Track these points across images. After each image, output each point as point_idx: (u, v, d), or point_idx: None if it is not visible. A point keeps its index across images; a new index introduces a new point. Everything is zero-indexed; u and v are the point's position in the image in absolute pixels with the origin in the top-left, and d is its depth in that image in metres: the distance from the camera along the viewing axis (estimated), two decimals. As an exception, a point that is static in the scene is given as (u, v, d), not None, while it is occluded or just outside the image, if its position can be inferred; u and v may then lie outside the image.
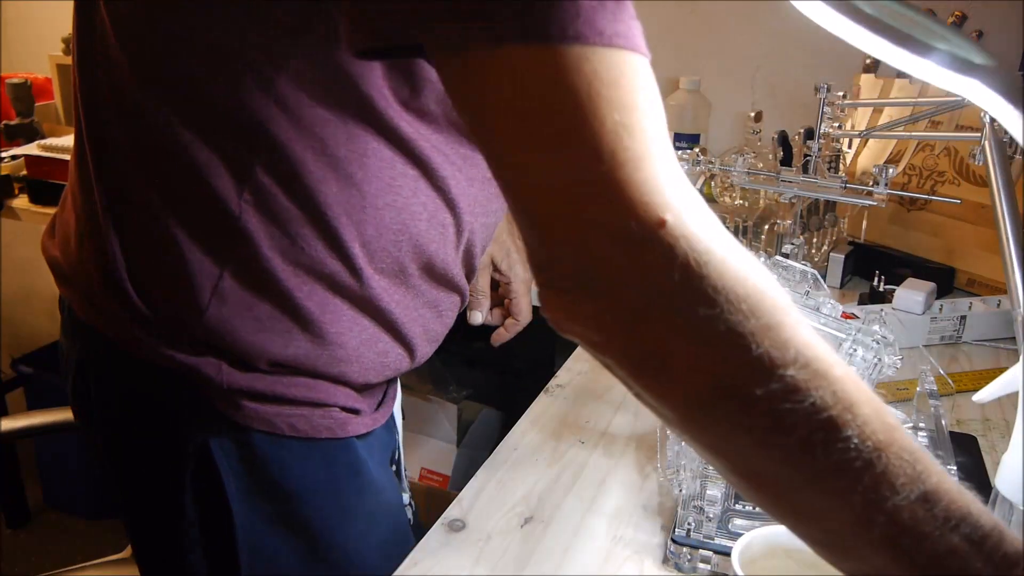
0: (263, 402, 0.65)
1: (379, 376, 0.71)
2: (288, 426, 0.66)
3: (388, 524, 0.76)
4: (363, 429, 0.71)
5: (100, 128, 0.64)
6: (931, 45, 0.53)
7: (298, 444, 0.67)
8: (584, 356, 1.03)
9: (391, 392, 0.78)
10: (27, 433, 1.16)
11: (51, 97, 2.01)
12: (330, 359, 0.66)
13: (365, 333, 0.67)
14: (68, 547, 2.05)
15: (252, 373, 0.65)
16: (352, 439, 0.70)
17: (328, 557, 0.71)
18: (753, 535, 0.58)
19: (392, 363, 0.71)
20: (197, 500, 0.68)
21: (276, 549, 0.69)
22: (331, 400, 0.68)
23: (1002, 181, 0.61)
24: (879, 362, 0.69)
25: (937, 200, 1.12)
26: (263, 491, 0.67)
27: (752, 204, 1.24)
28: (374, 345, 0.68)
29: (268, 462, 0.67)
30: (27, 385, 2.10)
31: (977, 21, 1.40)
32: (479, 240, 0.72)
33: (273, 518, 0.68)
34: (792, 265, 0.77)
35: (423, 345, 0.73)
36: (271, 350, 0.64)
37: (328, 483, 0.70)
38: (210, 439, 0.66)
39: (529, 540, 0.70)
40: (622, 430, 0.86)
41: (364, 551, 0.72)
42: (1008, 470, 0.53)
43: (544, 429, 0.86)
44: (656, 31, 1.70)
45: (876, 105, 1.23)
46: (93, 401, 0.71)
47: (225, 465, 0.66)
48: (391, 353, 0.70)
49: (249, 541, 0.68)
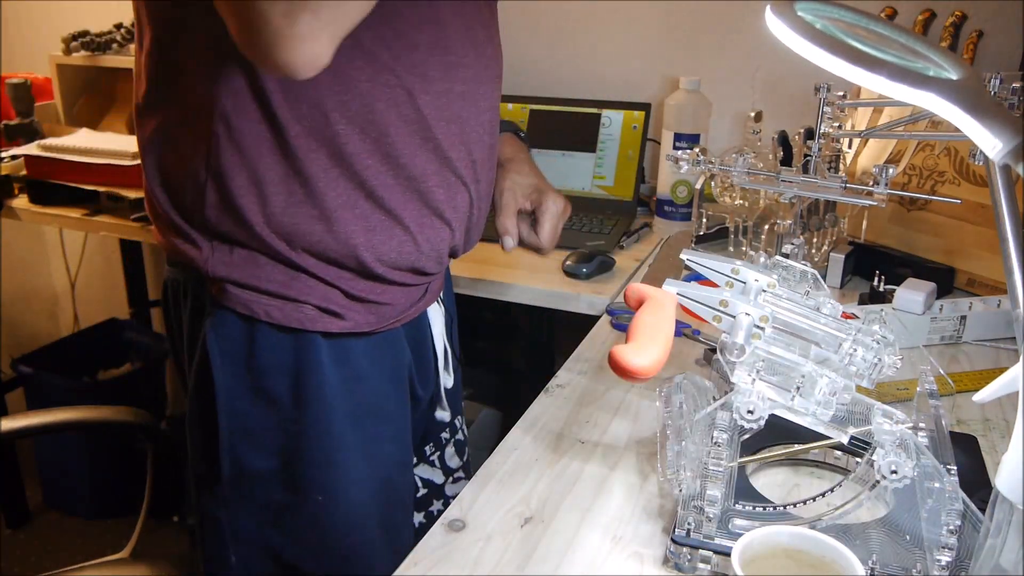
0: (243, 289, 0.79)
1: (374, 258, 0.80)
2: (264, 312, 0.79)
3: (374, 422, 0.86)
4: (336, 329, 0.81)
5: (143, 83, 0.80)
6: (881, 60, 0.55)
7: (271, 329, 0.80)
8: (584, 356, 1.03)
9: (396, 309, 0.86)
10: (27, 433, 1.16)
11: (51, 97, 2.01)
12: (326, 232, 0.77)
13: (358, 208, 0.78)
14: (68, 547, 2.05)
15: (235, 259, 0.78)
16: (317, 335, 0.80)
17: (292, 432, 0.82)
18: (753, 535, 0.58)
19: (388, 247, 0.80)
20: (198, 375, 0.82)
21: (250, 414, 0.81)
22: (303, 297, 0.79)
23: (1002, 181, 0.61)
24: (879, 362, 0.69)
25: (937, 200, 1.12)
26: (241, 362, 0.80)
27: (752, 204, 1.24)
28: (365, 220, 0.78)
29: (247, 338, 0.80)
30: (27, 385, 2.11)
31: (977, 21, 1.40)
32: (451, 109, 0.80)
33: (249, 387, 0.81)
34: (792, 265, 0.77)
35: (419, 231, 0.82)
36: (271, 212, 0.76)
37: (294, 368, 0.81)
38: (207, 317, 0.81)
39: (529, 540, 0.70)
40: (622, 430, 0.86)
41: (338, 438, 0.83)
42: (1008, 470, 0.53)
43: (544, 429, 0.86)
44: (656, 31, 1.71)
45: (876, 105, 1.23)
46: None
47: (213, 337, 0.80)
48: (380, 229, 0.79)
49: (228, 405, 0.81)
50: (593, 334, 1.10)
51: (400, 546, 0.85)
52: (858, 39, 0.59)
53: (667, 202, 1.49)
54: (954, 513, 0.61)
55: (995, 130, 0.53)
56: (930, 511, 0.64)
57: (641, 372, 0.63)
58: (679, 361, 0.99)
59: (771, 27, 0.60)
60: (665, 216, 1.50)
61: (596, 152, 1.63)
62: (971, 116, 0.53)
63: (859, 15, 0.67)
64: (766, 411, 0.66)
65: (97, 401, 1.98)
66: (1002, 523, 0.54)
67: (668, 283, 0.72)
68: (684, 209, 1.49)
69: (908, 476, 0.63)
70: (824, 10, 0.64)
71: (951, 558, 0.61)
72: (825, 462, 0.79)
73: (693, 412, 0.73)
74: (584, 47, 1.75)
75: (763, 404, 0.66)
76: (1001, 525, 0.54)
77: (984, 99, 0.54)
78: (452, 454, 1.05)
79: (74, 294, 2.43)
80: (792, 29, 0.58)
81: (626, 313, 1.12)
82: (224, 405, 0.81)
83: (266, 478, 0.83)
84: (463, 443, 1.08)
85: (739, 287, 0.74)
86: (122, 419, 1.19)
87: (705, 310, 0.72)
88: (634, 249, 1.43)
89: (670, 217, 1.50)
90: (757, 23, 0.63)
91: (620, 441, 0.84)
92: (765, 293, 0.73)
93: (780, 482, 0.77)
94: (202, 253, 0.79)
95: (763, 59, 1.60)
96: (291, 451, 0.82)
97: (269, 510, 0.84)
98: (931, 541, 0.63)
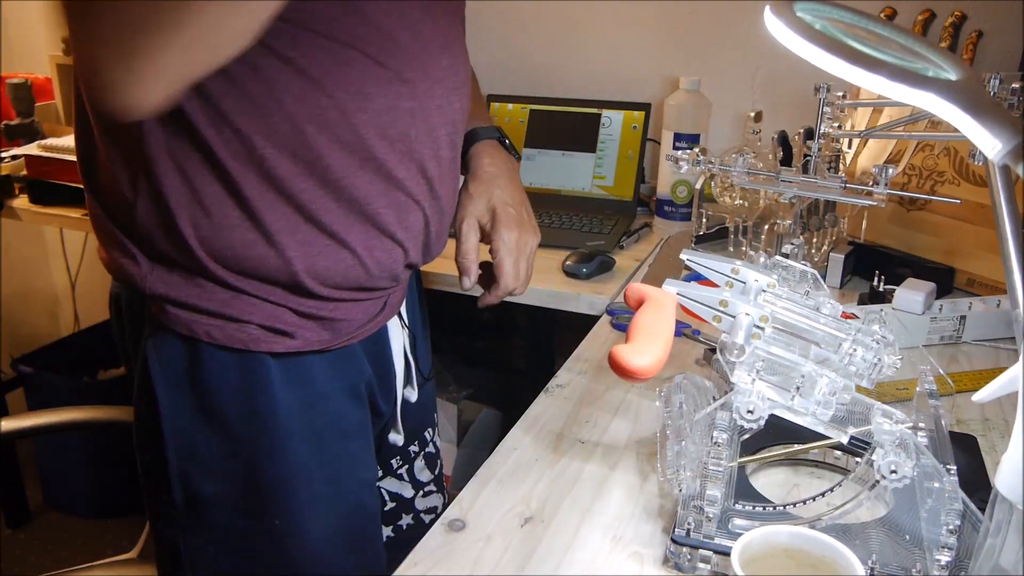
0: (183, 308, 0.75)
1: (318, 282, 0.76)
2: (204, 333, 0.75)
3: (335, 441, 0.82)
4: (282, 349, 0.77)
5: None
6: (880, 61, 0.55)
7: (214, 349, 0.76)
8: (584, 356, 1.03)
9: (352, 324, 0.81)
10: (27, 433, 1.16)
11: (51, 97, 2.01)
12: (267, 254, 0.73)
13: (299, 231, 0.73)
14: (68, 547, 2.05)
15: (174, 278, 0.75)
16: (265, 355, 0.77)
17: (244, 455, 0.78)
18: (753, 535, 0.58)
19: (336, 268, 0.76)
20: (140, 395, 0.78)
21: (197, 438, 0.77)
22: (245, 317, 0.75)
23: (1002, 181, 0.61)
24: (879, 362, 0.69)
25: (937, 200, 1.12)
26: (185, 384, 0.76)
27: (752, 204, 1.24)
28: (310, 244, 0.74)
29: (189, 359, 0.76)
30: (27, 385, 2.11)
31: (977, 21, 1.40)
32: (395, 128, 0.75)
33: (194, 409, 0.77)
34: (792, 265, 0.77)
35: (365, 251, 0.77)
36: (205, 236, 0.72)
37: (242, 389, 0.77)
38: (147, 338, 0.77)
39: (529, 540, 0.70)
40: (622, 430, 0.86)
41: (295, 461, 0.79)
42: (1008, 470, 0.53)
43: (544, 429, 0.86)
44: (656, 31, 1.71)
45: (876, 105, 1.23)
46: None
47: (154, 357, 0.76)
48: (328, 253, 0.75)
49: (173, 427, 0.77)
50: (593, 334, 1.10)
51: (372, 568, 0.83)
52: (857, 39, 0.59)
53: (667, 202, 1.49)
54: (954, 513, 0.61)
55: (994, 130, 0.53)
56: (930, 511, 0.64)
57: (641, 372, 0.63)
58: (679, 361, 0.99)
59: (770, 27, 0.60)
60: (665, 216, 1.51)
61: (596, 152, 1.63)
62: (970, 116, 0.54)
63: (858, 15, 0.67)
64: (766, 411, 0.66)
65: (97, 401, 1.98)
66: (1002, 523, 0.54)
67: (668, 283, 0.72)
68: (684, 209, 1.49)
69: (908, 476, 0.63)
70: (823, 10, 0.64)
71: (951, 558, 0.61)
72: (825, 462, 0.79)
73: (693, 412, 0.73)
74: (584, 47, 1.75)
75: (763, 404, 0.66)
76: (1001, 525, 0.54)
77: (983, 99, 0.54)
78: (422, 467, 1.01)
79: (74, 294, 2.43)
80: (791, 29, 0.58)
81: (626, 313, 1.12)
82: (169, 428, 0.77)
83: (220, 502, 0.79)
84: (435, 455, 1.03)
85: (739, 287, 0.74)
86: (122, 419, 1.19)
87: (705, 310, 0.72)
88: (634, 249, 1.43)
89: (670, 217, 1.50)
90: (757, 23, 0.63)
91: (620, 441, 0.84)
92: (765, 293, 0.73)
93: (780, 482, 0.77)
94: (141, 270, 0.75)
95: (763, 59, 1.60)
96: (245, 475, 0.78)
97: (227, 535, 0.80)
98: (931, 541, 0.63)
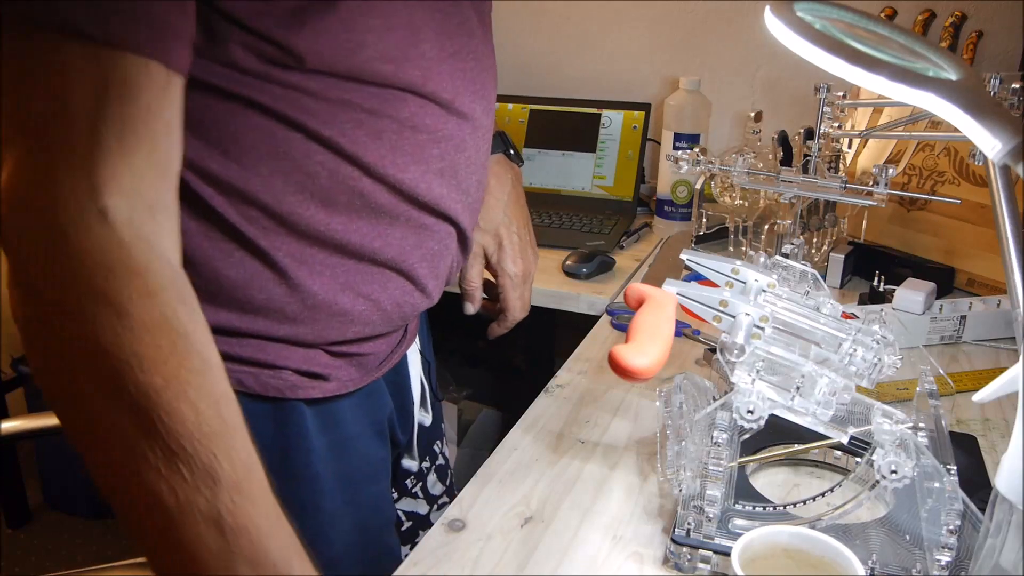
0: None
1: (340, 333, 0.72)
2: (236, 382, 0.68)
3: (364, 486, 0.80)
4: (319, 394, 0.73)
5: None
6: (880, 61, 0.55)
7: (246, 399, 0.70)
8: (584, 356, 1.03)
9: (378, 358, 0.79)
10: (27, 435, 1.16)
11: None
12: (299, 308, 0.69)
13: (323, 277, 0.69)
14: (68, 547, 2.05)
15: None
16: (301, 403, 0.73)
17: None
18: (753, 535, 0.58)
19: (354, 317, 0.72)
20: None
21: None
22: (282, 363, 0.71)
23: (1002, 181, 0.61)
24: (879, 362, 0.69)
25: (937, 200, 1.12)
26: None
27: (752, 204, 1.24)
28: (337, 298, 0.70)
29: None
30: (27, 385, 2.10)
31: (977, 21, 1.40)
32: (429, 189, 0.71)
33: None
34: (792, 265, 0.77)
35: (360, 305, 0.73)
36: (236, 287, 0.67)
37: (278, 444, 0.73)
38: None
39: (529, 540, 0.70)
40: (622, 430, 0.86)
41: (329, 510, 0.76)
42: (1008, 470, 0.53)
43: (544, 429, 0.86)
44: (656, 31, 1.71)
45: (876, 105, 1.23)
46: None
47: None
48: (345, 303, 0.71)
49: None
50: (593, 334, 1.10)
51: None
52: (857, 39, 0.59)
53: (667, 202, 1.49)
54: (954, 513, 0.61)
55: (994, 130, 0.53)
56: (930, 511, 0.64)
57: (641, 372, 0.63)
58: (679, 361, 0.99)
59: (770, 27, 0.60)
60: (665, 216, 1.51)
61: (596, 152, 1.63)
62: (970, 116, 0.54)
63: (858, 15, 0.67)
64: (766, 411, 0.67)
65: (97, 401, 1.98)
66: (1002, 523, 0.54)
67: (668, 283, 0.72)
68: (684, 209, 1.49)
69: (908, 476, 0.63)
70: (823, 10, 0.64)
71: (951, 558, 0.61)
72: (825, 462, 0.79)
73: (693, 412, 0.73)
74: (584, 47, 1.75)
75: (763, 404, 0.66)
76: (1001, 525, 0.54)
77: (983, 99, 0.54)
78: (434, 481, 1.00)
79: (74, 294, 2.43)
80: (791, 29, 0.58)
81: (626, 313, 1.12)
82: None
83: None
84: (444, 466, 1.03)
85: (739, 287, 0.74)
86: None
87: (705, 310, 0.72)
88: (634, 249, 1.43)
89: (670, 217, 1.50)
90: (757, 23, 0.63)
91: (620, 441, 0.84)
92: (765, 293, 0.73)
93: (780, 482, 0.77)
94: None
95: (763, 59, 1.60)
96: None
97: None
98: (931, 541, 0.63)
